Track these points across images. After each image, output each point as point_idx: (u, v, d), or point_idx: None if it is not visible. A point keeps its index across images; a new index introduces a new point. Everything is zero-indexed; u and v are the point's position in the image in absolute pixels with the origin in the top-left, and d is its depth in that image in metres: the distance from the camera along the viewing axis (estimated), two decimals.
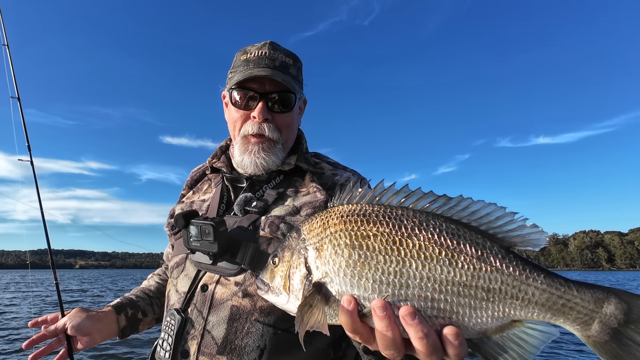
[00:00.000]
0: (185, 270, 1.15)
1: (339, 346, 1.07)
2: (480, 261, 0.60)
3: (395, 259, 0.62)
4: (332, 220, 0.70)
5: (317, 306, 0.65)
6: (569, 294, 0.56)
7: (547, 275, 0.58)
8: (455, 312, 0.60)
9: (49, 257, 1.63)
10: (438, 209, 0.66)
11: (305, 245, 0.71)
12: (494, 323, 0.59)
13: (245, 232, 1.07)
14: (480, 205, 0.63)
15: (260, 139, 1.16)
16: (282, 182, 1.21)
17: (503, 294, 0.58)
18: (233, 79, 1.17)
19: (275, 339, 0.99)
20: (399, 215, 0.66)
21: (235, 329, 1.00)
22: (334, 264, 0.66)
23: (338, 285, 0.65)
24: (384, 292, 0.62)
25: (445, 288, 0.60)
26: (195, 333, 1.03)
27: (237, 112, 1.19)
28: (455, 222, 0.64)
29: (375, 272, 0.63)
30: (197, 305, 1.06)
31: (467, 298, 0.59)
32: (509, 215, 0.61)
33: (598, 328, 0.55)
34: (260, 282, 0.78)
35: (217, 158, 1.34)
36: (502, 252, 0.61)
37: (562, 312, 0.57)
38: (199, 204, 1.27)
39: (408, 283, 0.61)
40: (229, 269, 1.05)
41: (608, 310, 0.55)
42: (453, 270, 0.60)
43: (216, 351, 0.99)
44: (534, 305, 0.58)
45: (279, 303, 0.75)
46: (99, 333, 1.19)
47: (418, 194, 0.67)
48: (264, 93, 1.15)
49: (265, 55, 1.17)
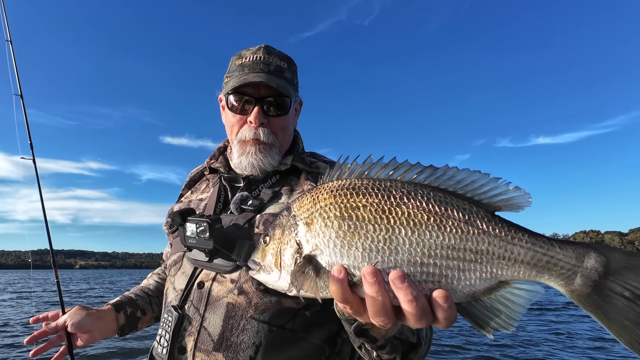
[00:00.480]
0: (183, 268, 1.17)
1: (334, 342, 1.07)
2: (467, 225, 0.61)
3: (385, 227, 0.63)
4: (321, 196, 0.70)
5: (309, 274, 0.65)
6: (552, 251, 0.59)
7: (531, 235, 0.60)
8: (444, 275, 0.61)
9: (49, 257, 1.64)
10: (425, 179, 0.67)
11: (295, 221, 0.71)
12: (482, 285, 0.61)
13: (240, 230, 1.09)
14: (465, 173, 0.66)
15: (257, 142, 1.19)
16: (278, 181, 1.24)
17: (490, 255, 0.60)
18: (229, 84, 1.20)
19: (271, 335, 1.00)
20: (388, 186, 0.67)
21: (231, 326, 1.00)
22: (324, 236, 0.66)
23: (328, 256, 0.66)
24: (374, 259, 0.62)
25: (434, 252, 0.61)
26: (192, 329, 1.04)
27: (233, 117, 1.22)
28: (442, 190, 0.66)
29: (365, 240, 0.63)
30: (193, 302, 1.07)
31: (455, 261, 0.61)
32: (492, 181, 0.64)
33: (580, 282, 0.57)
34: (252, 262, 0.78)
35: (215, 159, 1.37)
36: (488, 215, 0.63)
37: (546, 268, 0.59)
38: (197, 203, 1.29)
39: (397, 249, 0.62)
40: (224, 266, 1.06)
41: (589, 264, 0.57)
42: (442, 235, 0.61)
43: (212, 348, 0.99)
44: (520, 264, 0.59)
45: (270, 281, 0.74)
46: (99, 330, 1.22)
47: (405, 166, 0.69)
48: (259, 98, 1.19)
49: (260, 60, 1.20)
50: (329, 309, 0.95)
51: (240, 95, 1.19)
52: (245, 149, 1.20)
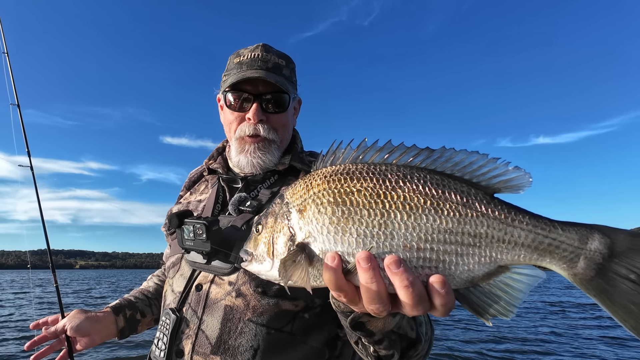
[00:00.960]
0: (181, 270, 1.16)
1: (334, 345, 1.06)
2: (465, 207, 0.59)
3: (380, 212, 0.61)
4: (315, 182, 0.68)
5: (300, 263, 0.63)
6: (555, 232, 0.56)
7: (532, 217, 0.57)
8: (442, 260, 0.58)
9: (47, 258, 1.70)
10: (422, 162, 0.65)
11: (288, 208, 0.69)
12: (481, 269, 0.58)
13: (238, 231, 1.08)
14: (463, 155, 0.63)
15: (256, 139, 1.18)
16: (276, 181, 1.22)
17: (490, 238, 0.58)
18: (227, 82, 1.19)
19: (269, 338, 0.99)
20: (383, 170, 0.65)
21: (228, 329, 0.99)
22: (317, 223, 0.64)
23: (321, 243, 0.63)
24: (368, 245, 0.60)
25: (431, 236, 0.59)
26: (189, 332, 1.03)
27: (232, 114, 1.20)
28: (439, 173, 0.64)
29: (359, 226, 0.61)
30: (191, 305, 1.06)
31: (453, 245, 0.58)
32: (491, 162, 0.61)
33: (584, 265, 0.55)
34: (244, 253, 0.75)
35: (214, 159, 1.36)
36: (487, 197, 0.60)
37: (548, 251, 0.56)
38: (195, 204, 1.28)
39: (393, 234, 0.59)
40: (222, 268, 1.05)
41: (592, 245, 0.55)
42: (439, 218, 0.59)
43: (210, 351, 0.98)
44: (520, 247, 0.57)
45: (263, 271, 0.72)
46: (98, 334, 1.23)
47: (401, 149, 0.66)
48: (257, 94, 1.17)
49: (258, 57, 1.19)
50: (329, 312, 0.94)
51: (238, 93, 1.18)
52: (244, 146, 1.19)
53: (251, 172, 1.22)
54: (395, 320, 0.76)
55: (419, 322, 0.86)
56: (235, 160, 1.22)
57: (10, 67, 1.87)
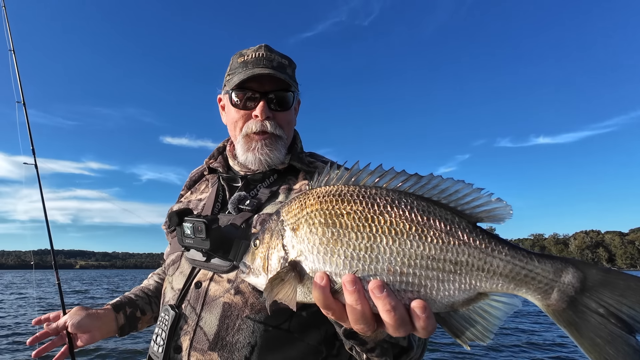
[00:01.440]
0: (181, 268, 1.17)
1: (332, 344, 1.07)
2: (448, 235, 0.62)
3: (367, 235, 0.63)
4: (309, 201, 0.71)
5: (289, 282, 0.66)
6: (531, 264, 0.59)
7: (511, 248, 0.60)
8: (424, 285, 0.61)
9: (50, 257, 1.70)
10: (410, 187, 0.67)
11: (283, 226, 0.72)
12: (461, 296, 0.61)
13: (238, 230, 1.09)
14: (449, 183, 0.65)
15: (264, 135, 1.19)
16: (276, 181, 1.23)
17: (470, 266, 0.60)
18: (232, 80, 1.20)
19: (266, 335, 1.00)
20: (372, 194, 0.67)
21: (226, 326, 1.00)
22: (309, 242, 0.67)
23: (312, 262, 0.66)
24: (355, 267, 0.63)
25: (414, 262, 0.61)
26: (188, 329, 1.04)
27: (237, 113, 1.21)
28: (426, 199, 0.66)
29: (347, 248, 0.64)
30: (190, 302, 1.07)
31: (435, 271, 0.61)
32: (475, 192, 0.64)
33: (557, 297, 0.57)
34: (243, 265, 0.79)
35: (214, 159, 1.36)
36: (470, 226, 0.63)
37: (524, 282, 0.59)
38: (196, 203, 1.30)
39: (378, 258, 0.62)
40: (221, 266, 1.06)
41: (566, 279, 0.57)
42: (422, 245, 0.61)
43: (207, 347, 1.00)
44: (499, 276, 0.59)
45: (258, 284, 0.75)
46: (99, 330, 1.25)
47: (391, 174, 0.69)
48: (264, 92, 1.19)
49: (262, 57, 1.20)
50: None
51: (244, 91, 1.19)
52: (251, 144, 1.20)
53: (257, 169, 1.23)
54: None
55: None
56: (242, 158, 1.22)
57: (17, 65, 1.86)
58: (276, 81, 1.19)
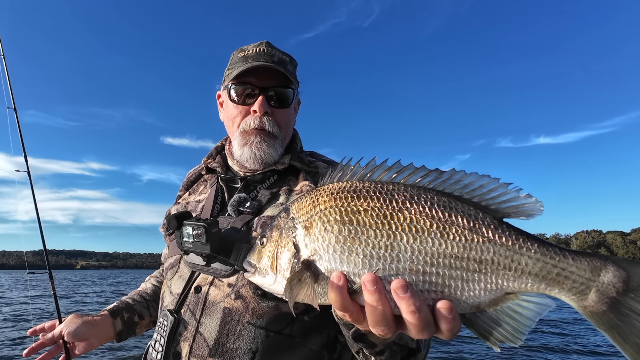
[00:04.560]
0: (180, 272, 1.15)
1: (333, 348, 1.05)
2: (472, 232, 0.58)
3: (386, 233, 0.61)
4: (321, 198, 0.68)
5: (307, 282, 0.64)
6: (564, 262, 0.54)
7: (541, 245, 0.56)
8: (448, 285, 0.58)
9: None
10: (430, 182, 0.64)
11: (294, 223, 0.69)
12: (487, 296, 0.57)
13: (238, 233, 1.06)
14: (473, 177, 0.62)
15: (261, 131, 1.17)
16: (276, 182, 1.20)
17: (496, 265, 0.56)
18: (232, 74, 1.17)
19: (267, 341, 0.98)
20: (390, 190, 0.64)
21: (227, 332, 0.98)
22: (324, 241, 0.64)
23: (327, 262, 0.64)
24: (375, 267, 0.60)
25: (437, 261, 0.58)
26: (187, 335, 1.02)
27: (235, 108, 1.19)
28: (447, 195, 0.62)
29: (365, 246, 0.61)
30: (190, 307, 1.05)
31: (459, 270, 0.57)
32: (502, 187, 0.60)
33: (595, 298, 0.53)
34: (247, 264, 0.76)
35: (213, 158, 1.33)
36: (495, 222, 0.59)
37: (556, 281, 0.54)
38: (194, 205, 1.27)
39: (399, 257, 0.59)
40: (222, 270, 1.04)
41: (606, 278, 0.52)
42: (445, 243, 0.58)
43: (208, 353, 0.98)
44: (528, 275, 0.55)
45: (265, 284, 0.73)
46: (96, 337, 1.22)
47: (410, 169, 0.66)
48: (263, 87, 1.17)
49: (263, 52, 1.18)
50: (328, 314, 0.92)
51: (243, 86, 1.17)
52: (248, 139, 1.17)
53: (252, 168, 1.20)
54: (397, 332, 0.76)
55: None
56: (238, 154, 1.19)
57: (7, 70, 1.80)
58: (276, 77, 1.16)
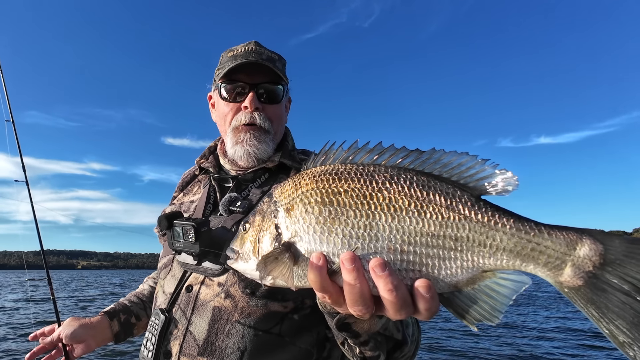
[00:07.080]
0: (172, 271, 1.17)
1: (323, 347, 1.05)
2: (448, 210, 0.58)
3: (365, 213, 0.61)
4: (303, 181, 0.68)
5: (284, 261, 0.64)
6: (539, 237, 0.53)
7: (517, 220, 0.55)
8: (425, 264, 0.57)
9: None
10: (411, 163, 0.64)
11: (276, 207, 0.69)
12: (465, 274, 0.57)
13: (229, 232, 1.07)
14: (452, 156, 0.61)
15: (252, 127, 1.18)
16: (267, 180, 1.21)
17: (471, 242, 0.56)
18: (222, 72, 1.20)
19: (256, 340, 0.99)
20: (371, 171, 0.65)
21: (216, 330, 1.00)
22: (304, 222, 0.65)
23: (307, 243, 0.64)
24: (353, 246, 0.60)
25: (414, 239, 0.58)
26: (178, 333, 1.04)
27: (226, 106, 1.21)
28: (426, 174, 0.62)
29: (345, 227, 0.61)
30: (181, 306, 1.07)
31: (436, 249, 0.57)
32: (479, 164, 0.59)
33: (570, 272, 0.51)
34: (230, 251, 0.76)
35: (205, 158, 1.35)
36: (472, 199, 0.58)
37: (531, 257, 0.53)
38: (188, 205, 1.28)
39: (378, 236, 0.59)
40: (212, 269, 1.05)
41: (582, 252, 0.51)
42: (422, 221, 0.58)
43: (197, 352, 0.99)
44: (502, 251, 0.55)
45: (248, 269, 0.73)
46: (94, 339, 1.25)
47: (391, 151, 0.66)
48: (253, 84, 1.19)
49: (252, 50, 1.20)
50: (318, 313, 0.92)
51: (233, 83, 1.19)
52: (240, 136, 1.18)
53: (246, 165, 1.21)
54: (382, 322, 0.75)
55: (405, 324, 0.85)
56: (231, 152, 1.21)
57: (4, 83, 1.81)
58: (266, 73, 1.18)
